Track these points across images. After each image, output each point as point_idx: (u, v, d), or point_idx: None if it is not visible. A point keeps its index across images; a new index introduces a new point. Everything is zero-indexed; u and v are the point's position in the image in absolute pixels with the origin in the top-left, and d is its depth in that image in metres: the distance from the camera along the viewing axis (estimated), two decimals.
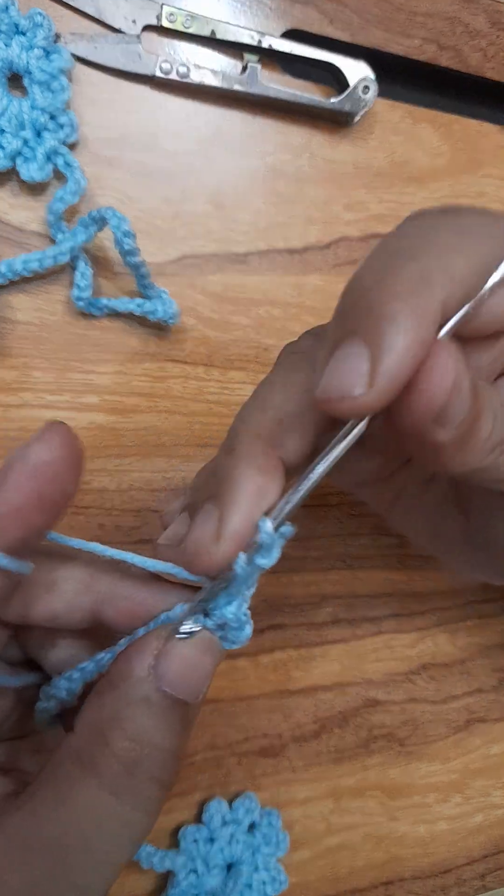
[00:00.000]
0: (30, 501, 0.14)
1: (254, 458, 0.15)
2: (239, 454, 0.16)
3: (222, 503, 0.15)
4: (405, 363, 0.13)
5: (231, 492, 0.15)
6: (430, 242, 0.14)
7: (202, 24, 0.27)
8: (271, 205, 0.29)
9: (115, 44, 0.26)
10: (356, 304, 0.14)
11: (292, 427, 0.16)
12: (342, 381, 0.13)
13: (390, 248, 0.14)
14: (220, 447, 0.17)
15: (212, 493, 0.16)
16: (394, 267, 0.13)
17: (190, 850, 0.27)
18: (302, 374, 0.16)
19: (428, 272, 0.13)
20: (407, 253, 0.14)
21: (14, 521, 0.14)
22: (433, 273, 0.13)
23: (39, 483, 0.14)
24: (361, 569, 0.31)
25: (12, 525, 0.14)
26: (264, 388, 0.17)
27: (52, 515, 0.14)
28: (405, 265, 0.13)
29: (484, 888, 0.34)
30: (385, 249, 0.14)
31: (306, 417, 0.16)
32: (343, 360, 0.13)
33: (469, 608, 0.33)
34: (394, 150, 0.31)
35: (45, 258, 0.24)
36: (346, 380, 0.13)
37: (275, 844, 0.28)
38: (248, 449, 0.16)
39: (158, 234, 0.27)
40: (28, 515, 0.14)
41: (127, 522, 0.27)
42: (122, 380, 0.27)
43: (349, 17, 0.29)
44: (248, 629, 0.16)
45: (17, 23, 0.24)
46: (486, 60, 0.32)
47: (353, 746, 0.31)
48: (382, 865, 0.31)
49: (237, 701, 0.29)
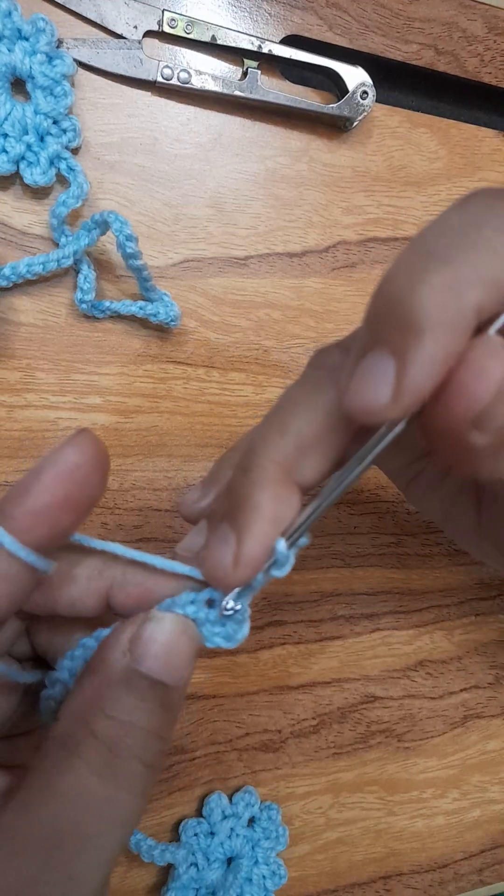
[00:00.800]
0: (59, 503, 0.14)
1: (271, 485, 0.15)
2: (256, 480, 0.15)
3: (239, 528, 0.16)
4: (431, 377, 0.13)
5: (248, 518, 0.15)
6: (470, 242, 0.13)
7: (203, 30, 0.27)
8: (271, 209, 0.29)
9: (116, 49, 0.26)
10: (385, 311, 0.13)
11: (311, 453, 0.16)
12: (367, 391, 0.13)
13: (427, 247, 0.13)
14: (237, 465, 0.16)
15: (228, 514, 0.16)
16: (425, 271, 0.13)
17: (190, 844, 0.27)
18: (326, 397, 0.16)
19: (462, 279, 0.13)
20: (442, 254, 0.13)
21: (44, 521, 0.14)
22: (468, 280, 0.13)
23: (68, 486, 0.14)
24: (360, 567, 0.31)
25: (42, 525, 0.14)
26: (286, 407, 0.16)
27: (79, 517, 0.15)
28: (437, 270, 0.13)
29: (481, 882, 0.34)
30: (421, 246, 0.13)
31: (326, 442, 0.16)
32: (369, 370, 0.13)
33: (466, 606, 0.33)
34: (392, 154, 0.31)
35: (49, 261, 0.25)
36: (370, 390, 0.13)
37: (274, 839, 0.29)
38: (266, 475, 0.15)
39: (160, 237, 0.27)
40: (57, 516, 0.14)
41: (129, 521, 0.27)
42: (125, 381, 0.27)
43: (348, 22, 0.29)
44: (246, 628, 0.17)
45: (20, 28, 0.24)
46: (483, 65, 0.32)
47: (352, 742, 0.31)
48: (381, 860, 0.32)
49: (237, 697, 0.29)
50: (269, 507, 0.15)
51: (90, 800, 0.14)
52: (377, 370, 0.13)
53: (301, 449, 0.15)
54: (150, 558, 0.17)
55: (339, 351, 0.17)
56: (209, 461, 0.28)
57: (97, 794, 0.14)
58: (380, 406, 0.13)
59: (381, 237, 0.31)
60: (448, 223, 0.14)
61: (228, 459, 0.20)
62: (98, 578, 0.17)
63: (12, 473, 0.26)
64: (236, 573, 0.16)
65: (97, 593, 0.17)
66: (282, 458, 0.15)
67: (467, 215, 0.14)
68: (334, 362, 0.16)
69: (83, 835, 0.14)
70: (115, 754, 0.14)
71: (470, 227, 0.13)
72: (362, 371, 0.13)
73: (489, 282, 0.13)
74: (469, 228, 0.13)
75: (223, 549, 0.16)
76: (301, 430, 0.15)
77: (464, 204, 0.14)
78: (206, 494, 0.19)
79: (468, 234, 0.13)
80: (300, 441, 0.15)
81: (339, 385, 0.15)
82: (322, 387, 0.16)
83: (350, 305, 0.30)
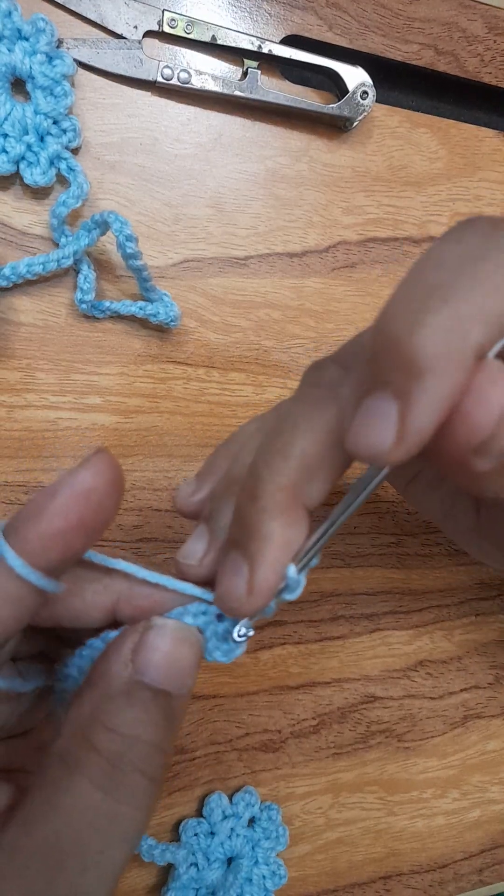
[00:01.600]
0: (73, 526, 0.14)
1: (280, 512, 0.15)
2: (264, 508, 0.15)
3: (251, 557, 0.15)
4: (434, 418, 0.12)
5: (259, 547, 0.15)
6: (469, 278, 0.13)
7: (203, 30, 0.27)
8: (271, 209, 0.29)
9: (116, 49, 0.26)
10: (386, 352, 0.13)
11: (316, 474, 0.15)
12: (370, 434, 0.13)
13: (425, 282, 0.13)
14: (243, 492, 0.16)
15: (239, 543, 0.16)
16: (425, 311, 0.12)
17: (191, 844, 0.27)
18: (326, 415, 0.15)
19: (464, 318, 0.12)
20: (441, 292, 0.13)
21: (56, 545, 0.14)
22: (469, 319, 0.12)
23: (83, 509, 0.14)
24: (360, 567, 0.31)
25: (54, 548, 0.14)
26: (287, 428, 0.16)
27: (92, 540, 0.15)
28: (437, 310, 0.12)
29: (481, 883, 0.34)
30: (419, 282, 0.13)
31: (330, 461, 0.15)
32: (371, 413, 0.13)
33: (466, 606, 0.33)
34: (392, 154, 0.31)
35: (49, 262, 0.25)
36: (374, 433, 0.13)
37: (275, 839, 0.29)
38: (273, 503, 0.15)
39: (160, 237, 0.27)
40: (70, 539, 0.14)
41: (129, 521, 0.27)
42: (125, 381, 0.27)
43: (348, 22, 0.29)
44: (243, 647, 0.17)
45: (20, 28, 0.24)
46: (484, 65, 0.32)
47: (352, 742, 0.31)
48: (381, 860, 0.32)
49: (237, 697, 0.29)
50: (280, 535, 0.15)
51: (93, 816, 0.14)
52: (379, 412, 0.13)
53: (306, 471, 0.15)
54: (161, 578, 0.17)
55: (335, 367, 0.17)
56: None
57: (100, 810, 0.14)
58: (383, 449, 0.13)
59: (381, 237, 0.31)
60: (445, 257, 0.13)
61: (222, 451, 0.20)
62: (103, 593, 0.17)
63: (12, 473, 0.26)
64: (250, 602, 0.15)
65: (102, 607, 0.17)
66: (288, 483, 0.15)
67: (464, 247, 0.13)
68: (332, 379, 0.16)
69: (87, 851, 0.14)
70: (118, 768, 0.14)
71: (468, 262, 0.13)
72: (364, 413, 0.13)
73: (490, 320, 0.13)
74: (467, 263, 0.13)
75: (236, 579, 0.16)
76: (304, 452, 0.15)
77: (460, 235, 0.14)
78: (200, 488, 0.19)
79: (466, 270, 0.13)
80: (304, 463, 0.15)
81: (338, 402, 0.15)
82: (321, 405, 0.16)
83: (350, 305, 0.30)
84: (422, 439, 0.13)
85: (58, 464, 0.26)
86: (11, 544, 0.14)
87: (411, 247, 0.31)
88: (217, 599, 0.16)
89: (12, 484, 0.26)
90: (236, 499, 0.16)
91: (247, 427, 0.20)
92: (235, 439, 0.20)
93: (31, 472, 0.26)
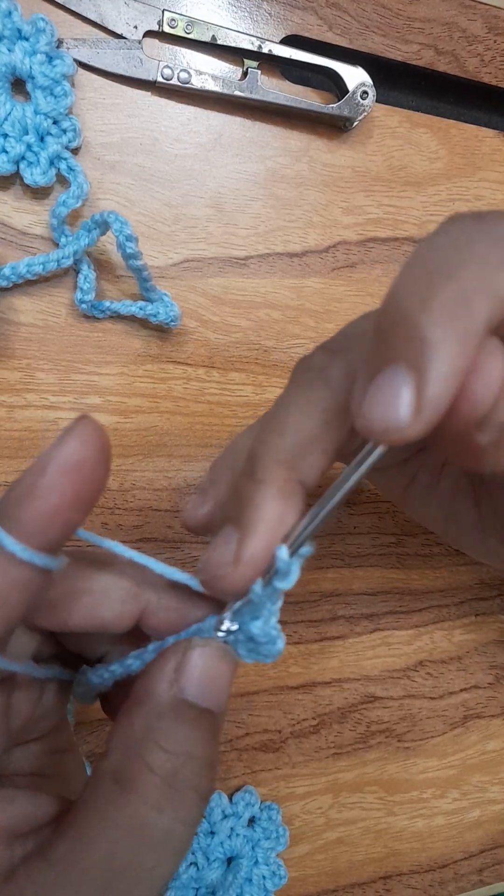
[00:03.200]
0: (68, 501, 0.13)
1: (274, 484, 0.15)
2: (259, 480, 0.15)
3: (242, 528, 0.15)
4: (450, 389, 0.12)
5: (251, 518, 0.15)
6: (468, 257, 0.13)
7: (203, 30, 0.27)
8: (271, 209, 0.29)
9: (116, 49, 0.26)
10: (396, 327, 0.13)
11: (311, 450, 0.16)
12: (386, 410, 0.12)
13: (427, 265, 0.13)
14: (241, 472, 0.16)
15: (231, 517, 0.16)
16: (432, 287, 0.13)
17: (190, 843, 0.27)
18: (317, 394, 0.16)
19: (469, 292, 0.13)
20: (444, 270, 0.13)
21: (54, 522, 0.14)
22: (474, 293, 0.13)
23: (76, 482, 0.13)
24: (360, 567, 0.31)
25: (52, 526, 0.14)
26: (281, 410, 0.16)
27: (87, 511, 0.14)
28: (444, 285, 0.13)
29: (481, 883, 0.34)
30: (421, 265, 0.14)
31: (324, 438, 0.16)
32: (386, 388, 0.13)
33: (466, 606, 0.33)
34: (392, 154, 0.31)
35: (49, 262, 0.25)
36: (390, 409, 0.12)
37: (274, 839, 0.29)
38: (269, 475, 0.15)
39: (160, 237, 0.27)
40: (67, 515, 0.14)
41: (129, 521, 0.27)
42: (125, 381, 0.27)
43: (348, 22, 0.29)
44: (281, 643, 0.16)
45: (20, 28, 0.24)
46: (484, 65, 0.32)
47: (352, 742, 0.31)
48: (381, 860, 0.32)
49: (237, 697, 0.29)
50: (273, 506, 0.15)
51: (148, 834, 0.14)
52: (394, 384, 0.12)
53: (301, 446, 0.15)
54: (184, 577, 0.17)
55: (323, 352, 0.17)
56: (209, 461, 0.28)
57: (156, 828, 0.14)
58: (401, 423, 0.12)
59: (381, 237, 0.31)
60: (439, 243, 0.14)
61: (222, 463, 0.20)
62: (132, 602, 0.17)
63: (12, 473, 0.26)
64: (235, 572, 0.15)
65: (131, 616, 0.17)
66: (283, 457, 0.15)
67: (454, 236, 0.14)
68: (321, 361, 0.16)
69: (140, 867, 0.14)
70: (173, 787, 0.14)
71: (462, 245, 0.13)
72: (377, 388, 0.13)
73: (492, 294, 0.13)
74: (462, 245, 0.13)
75: (223, 548, 0.15)
76: (299, 429, 0.15)
77: (446, 228, 0.14)
78: (204, 501, 0.19)
79: (462, 251, 0.13)
80: (299, 439, 0.15)
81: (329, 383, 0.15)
82: (313, 386, 0.16)
83: (350, 305, 0.30)
84: (439, 411, 0.12)
85: None
86: (7, 528, 0.13)
87: (411, 247, 0.31)
88: (201, 570, 0.16)
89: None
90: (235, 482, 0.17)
91: (240, 438, 0.20)
92: (231, 450, 0.20)
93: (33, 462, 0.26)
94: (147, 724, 0.15)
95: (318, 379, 0.16)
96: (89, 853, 0.14)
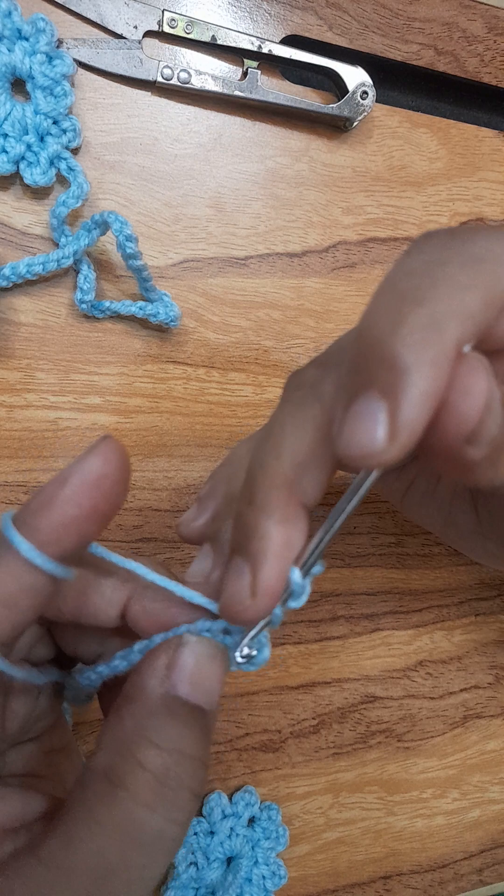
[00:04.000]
0: (85, 513, 0.14)
1: (277, 510, 0.15)
2: (261, 507, 0.15)
3: (252, 559, 0.16)
4: (425, 413, 0.13)
5: (260, 548, 0.15)
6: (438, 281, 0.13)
7: (203, 30, 0.27)
8: (271, 209, 0.29)
9: (116, 49, 0.26)
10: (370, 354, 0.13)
11: (309, 470, 0.16)
12: (362, 437, 0.13)
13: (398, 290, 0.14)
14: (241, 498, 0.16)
15: (239, 546, 0.16)
16: (403, 314, 0.13)
17: (190, 843, 0.27)
18: (311, 412, 0.16)
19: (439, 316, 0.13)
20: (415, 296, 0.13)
21: (70, 533, 0.14)
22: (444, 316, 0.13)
23: (95, 496, 0.14)
24: (360, 567, 0.31)
25: (68, 536, 0.14)
26: (276, 430, 0.16)
27: (103, 525, 0.15)
28: (414, 311, 0.13)
29: (481, 883, 0.34)
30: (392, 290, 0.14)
31: (321, 456, 0.16)
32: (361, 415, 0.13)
33: (466, 606, 0.33)
34: (392, 154, 0.31)
35: (49, 262, 0.25)
36: (366, 435, 0.13)
37: (274, 839, 0.29)
38: (270, 501, 0.15)
39: (160, 237, 0.27)
40: (83, 527, 0.14)
41: (129, 521, 0.27)
42: (125, 381, 0.27)
43: (348, 22, 0.29)
44: (267, 651, 0.17)
45: (20, 28, 0.24)
46: (484, 65, 0.32)
47: (352, 742, 0.31)
48: (381, 860, 0.32)
49: (237, 697, 0.29)
50: (279, 533, 0.15)
51: (140, 833, 0.14)
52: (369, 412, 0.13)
53: (299, 468, 0.15)
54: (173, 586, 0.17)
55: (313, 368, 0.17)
56: (209, 461, 0.28)
57: (147, 827, 0.14)
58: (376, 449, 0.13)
59: (381, 237, 0.31)
60: (412, 265, 0.14)
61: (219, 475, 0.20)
62: (119, 590, 0.17)
63: (12, 473, 0.26)
64: (255, 604, 0.15)
65: (118, 605, 0.17)
66: (282, 480, 0.15)
67: (427, 255, 0.14)
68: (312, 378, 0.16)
69: (131, 867, 0.14)
70: (165, 785, 0.14)
71: (433, 267, 0.14)
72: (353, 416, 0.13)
73: (463, 315, 0.13)
74: (433, 268, 0.14)
75: (238, 582, 0.16)
76: (295, 449, 0.15)
77: (419, 246, 0.14)
78: (201, 513, 0.19)
79: (434, 274, 0.13)
80: (296, 459, 0.15)
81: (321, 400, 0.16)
82: (306, 403, 0.16)
83: (350, 305, 0.30)
84: (414, 434, 0.13)
85: (58, 464, 0.26)
86: (24, 534, 0.14)
87: None
88: (221, 606, 0.16)
89: (12, 484, 0.26)
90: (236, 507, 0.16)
91: (238, 449, 0.20)
92: (230, 461, 0.20)
93: (31, 472, 0.26)
94: (138, 721, 0.15)
95: (311, 396, 0.16)
96: (79, 852, 0.14)
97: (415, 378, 0.12)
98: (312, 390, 0.16)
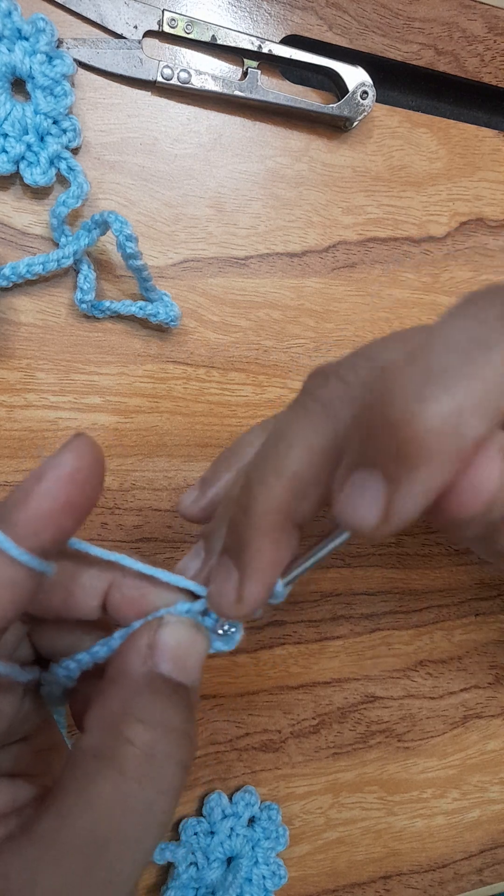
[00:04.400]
0: (61, 507, 0.14)
1: (270, 530, 0.16)
2: (256, 526, 0.16)
3: (242, 568, 0.16)
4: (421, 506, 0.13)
5: (250, 562, 0.16)
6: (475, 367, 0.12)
7: (203, 30, 0.27)
8: (271, 208, 0.29)
9: (116, 49, 0.26)
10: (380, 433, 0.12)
11: (308, 493, 0.16)
12: (355, 510, 0.13)
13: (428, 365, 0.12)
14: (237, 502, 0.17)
15: (231, 550, 0.17)
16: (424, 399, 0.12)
17: (190, 843, 0.27)
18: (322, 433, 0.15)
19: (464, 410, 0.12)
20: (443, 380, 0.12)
21: (47, 526, 0.14)
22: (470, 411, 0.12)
23: (70, 489, 0.14)
24: (360, 567, 0.31)
25: (45, 529, 0.14)
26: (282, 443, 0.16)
27: (80, 520, 0.15)
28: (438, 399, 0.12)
29: (481, 882, 0.34)
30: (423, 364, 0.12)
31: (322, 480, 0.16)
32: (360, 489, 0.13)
33: (466, 606, 0.33)
34: (392, 154, 0.31)
35: (49, 261, 0.25)
36: (359, 511, 0.13)
37: (274, 839, 0.29)
38: (266, 522, 0.16)
39: (160, 237, 0.27)
40: (59, 520, 0.14)
41: (129, 521, 0.27)
42: (125, 381, 0.27)
43: (348, 22, 0.29)
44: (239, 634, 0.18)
45: (19, 28, 0.24)
46: (484, 65, 0.32)
47: (352, 742, 0.31)
48: (381, 860, 0.32)
49: (237, 697, 0.29)
50: (269, 553, 0.16)
51: (130, 806, 0.14)
52: (366, 490, 0.13)
53: (298, 492, 0.16)
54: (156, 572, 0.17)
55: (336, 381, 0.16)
56: (209, 461, 0.28)
57: (137, 800, 0.14)
58: (367, 525, 0.13)
59: (381, 237, 0.31)
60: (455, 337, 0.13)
61: (224, 460, 0.20)
62: (99, 579, 0.18)
63: (12, 473, 0.26)
64: (239, 609, 0.16)
65: (99, 595, 0.18)
66: (279, 505, 0.16)
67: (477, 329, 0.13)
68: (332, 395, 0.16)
69: (124, 839, 0.14)
70: (153, 758, 0.15)
71: (477, 348, 0.12)
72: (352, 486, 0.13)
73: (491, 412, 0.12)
74: (475, 349, 0.12)
75: (227, 585, 0.17)
76: (298, 472, 0.15)
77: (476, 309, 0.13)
78: (203, 495, 0.20)
79: (474, 357, 0.12)
80: (296, 484, 0.16)
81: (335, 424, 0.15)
82: (318, 423, 0.16)
83: (350, 305, 0.30)
84: (408, 521, 0.13)
85: None
86: (2, 529, 0.14)
87: (411, 247, 0.31)
88: (209, 600, 0.17)
89: (12, 484, 0.26)
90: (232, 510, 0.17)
91: (247, 436, 0.20)
92: (236, 449, 0.20)
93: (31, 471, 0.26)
94: (124, 700, 0.15)
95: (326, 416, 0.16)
96: (72, 828, 0.14)
97: (422, 474, 0.12)
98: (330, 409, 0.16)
